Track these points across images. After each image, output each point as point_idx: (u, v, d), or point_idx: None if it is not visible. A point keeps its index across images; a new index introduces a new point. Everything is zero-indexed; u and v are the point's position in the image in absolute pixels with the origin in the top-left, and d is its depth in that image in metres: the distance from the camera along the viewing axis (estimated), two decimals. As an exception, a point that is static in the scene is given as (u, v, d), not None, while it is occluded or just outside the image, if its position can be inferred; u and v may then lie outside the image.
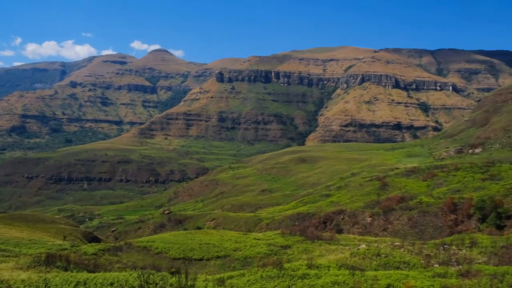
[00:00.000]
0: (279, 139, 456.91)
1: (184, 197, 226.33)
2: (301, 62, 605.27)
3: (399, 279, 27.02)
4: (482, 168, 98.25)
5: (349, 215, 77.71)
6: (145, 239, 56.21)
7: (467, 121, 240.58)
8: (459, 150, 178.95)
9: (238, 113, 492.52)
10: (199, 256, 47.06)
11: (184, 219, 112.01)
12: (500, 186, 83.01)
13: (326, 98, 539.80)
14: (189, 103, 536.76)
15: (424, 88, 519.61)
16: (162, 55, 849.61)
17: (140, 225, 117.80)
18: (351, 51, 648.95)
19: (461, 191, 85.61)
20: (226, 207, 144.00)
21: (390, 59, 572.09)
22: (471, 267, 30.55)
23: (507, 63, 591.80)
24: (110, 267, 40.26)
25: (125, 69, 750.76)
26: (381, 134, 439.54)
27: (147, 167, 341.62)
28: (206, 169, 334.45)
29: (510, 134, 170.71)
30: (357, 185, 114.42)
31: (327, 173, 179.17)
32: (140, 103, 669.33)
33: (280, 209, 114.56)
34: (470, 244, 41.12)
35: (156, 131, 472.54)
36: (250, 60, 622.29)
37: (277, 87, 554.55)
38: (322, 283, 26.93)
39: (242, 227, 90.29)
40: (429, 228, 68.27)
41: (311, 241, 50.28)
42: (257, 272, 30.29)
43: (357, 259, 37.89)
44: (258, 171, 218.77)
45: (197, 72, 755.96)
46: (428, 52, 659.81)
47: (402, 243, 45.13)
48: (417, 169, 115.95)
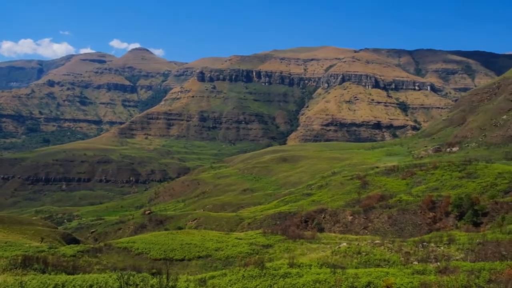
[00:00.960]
0: (261, 138, 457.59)
1: (165, 197, 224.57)
2: (283, 62, 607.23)
3: (379, 276, 27.33)
4: (459, 166, 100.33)
5: (330, 214, 78.30)
6: (125, 240, 55.55)
7: (445, 120, 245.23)
8: (437, 149, 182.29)
9: (219, 113, 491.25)
10: (180, 256, 46.73)
11: (165, 219, 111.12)
12: (476, 184, 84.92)
13: (307, 97, 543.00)
14: (170, 103, 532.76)
15: (403, 88, 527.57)
16: (142, 54, 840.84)
17: (120, 226, 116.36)
18: (331, 51, 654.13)
19: (439, 189, 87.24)
20: (208, 207, 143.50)
21: (370, 59, 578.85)
22: (449, 263, 31.12)
23: (482, 64, 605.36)
24: (90, 269, 39.67)
25: (104, 68, 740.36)
26: (362, 133, 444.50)
27: (128, 167, 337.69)
28: (187, 169, 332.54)
29: (486, 133, 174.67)
30: (338, 184, 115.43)
31: (308, 172, 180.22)
32: (120, 103, 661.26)
33: (261, 208, 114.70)
34: (448, 241, 41.89)
35: (136, 131, 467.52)
36: (231, 60, 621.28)
37: (259, 86, 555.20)
38: (304, 281, 27.03)
39: (223, 227, 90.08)
40: (408, 226, 69.31)
41: (292, 240, 50.48)
42: (238, 272, 30.23)
43: (338, 257, 38.19)
44: (240, 170, 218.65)
45: (178, 71, 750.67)
46: (407, 52, 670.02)
47: (382, 241, 45.70)
48: (397, 168, 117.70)
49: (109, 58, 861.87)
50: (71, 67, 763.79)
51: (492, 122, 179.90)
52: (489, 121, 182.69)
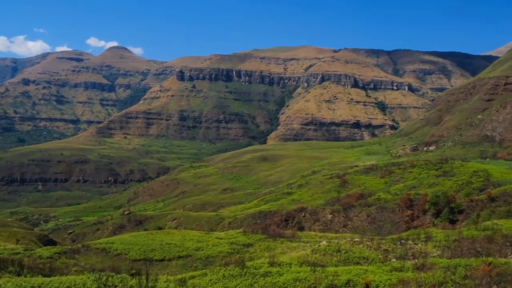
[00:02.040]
0: (241, 138, 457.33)
1: (145, 197, 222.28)
2: (263, 61, 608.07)
3: (358, 274, 27.64)
4: (436, 165, 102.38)
5: (310, 213, 78.82)
6: (104, 241, 54.77)
7: (422, 119, 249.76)
8: (414, 148, 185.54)
9: (199, 112, 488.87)
10: (160, 256, 46.36)
11: (145, 219, 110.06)
12: (452, 182, 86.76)
13: (287, 97, 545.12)
14: (149, 102, 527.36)
15: (382, 87, 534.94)
16: (120, 52, 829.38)
17: (99, 227, 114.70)
18: (311, 50, 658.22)
19: (417, 187, 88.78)
20: (188, 207, 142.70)
21: (349, 59, 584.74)
22: (426, 260, 31.68)
23: (458, 64, 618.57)
24: (67, 271, 38.99)
25: (81, 66, 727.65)
26: (341, 132, 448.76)
27: (106, 167, 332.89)
28: (167, 169, 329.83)
29: (462, 132, 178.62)
30: (318, 183, 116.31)
31: (289, 172, 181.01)
32: (98, 102, 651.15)
33: (242, 207, 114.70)
34: (425, 239, 42.66)
35: (115, 130, 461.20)
36: (211, 59, 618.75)
37: (239, 85, 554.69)
38: (284, 280, 27.14)
39: (204, 227, 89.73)
40: (387, 224, 70.33)
41: (273, 239, 50.61)
42: (219, 271, 30.16)
43: (318, 255, 38.48)
44: (220, 170, 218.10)
45: (157, 70, 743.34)
46: (385, 53, 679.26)
47: (361, 239, 46.25)
48: (375, 166, 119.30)
49: (87, 56, 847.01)
50: (47, 65, 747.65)
51: (468, 122, 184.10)
52: (464, 120, 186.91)
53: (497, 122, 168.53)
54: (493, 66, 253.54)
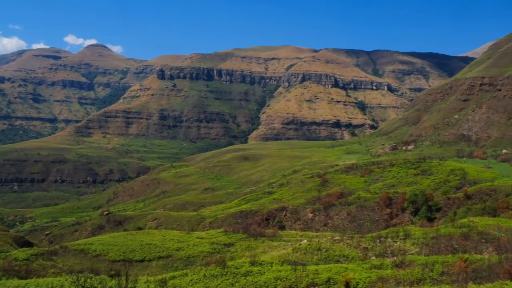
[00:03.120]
0: (222, 137, 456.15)
1: (124, 197, 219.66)
2: (244, 60, 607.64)
3: (339, 272, 27.89)
4: (414, 164, 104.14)
5: (291, 212, 79.16)
6: (83, 242, 53.90)
7: (401, 119, 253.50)
8: (393, 147, 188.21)
9: (180, 111, 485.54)
10: (140, 257, 45.88)
11: (124, 219, 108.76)
12: (430, 180, 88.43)
13: (268, 96, 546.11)
14: (129, 101, 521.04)
15: (362, 87, 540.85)
16: (99, 50, 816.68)
17: (77, 228, 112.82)
18: (292, 50, 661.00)
19: (396, 186, 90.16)
20: (168, 207, 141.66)
21: (329, 59, 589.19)
22: (405, 258, 32.17)
23: (435, 65, 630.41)
24: (44, 273, 38.27)
25: (59, 64, 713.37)
26: (322, 132, 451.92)
27: (84, 166, 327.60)
28: (147, 168, 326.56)
29: (439, 131, 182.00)
30: (298, 182, 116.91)
31: (270, 171, 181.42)
32: (76, 100, 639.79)
33: (223, 207, 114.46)
34: (404, 236, 43.32)
35: (93, 129, 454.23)
36: (192, 58, 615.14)
37: (220, 85, 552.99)
38: (265, 279, 27.18)
39: (185, 226, 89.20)
40: (366, 222, 71.17)
41: (254, 238, 50.64)
42: (200, 271, 30.03)
43: (299, 254, 38.66)
44: (201, 169, 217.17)
45: (137, 69, 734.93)
46: (365, 53, 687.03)
47: (341, 237, 46.67)
48: (356, 165, 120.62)
49: (64, 54, 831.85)
50: (23, 63, 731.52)
51: (445, 121, 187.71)
52: (442, 120, 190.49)
53: (473, 121, 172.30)
54: (470, 67, 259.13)
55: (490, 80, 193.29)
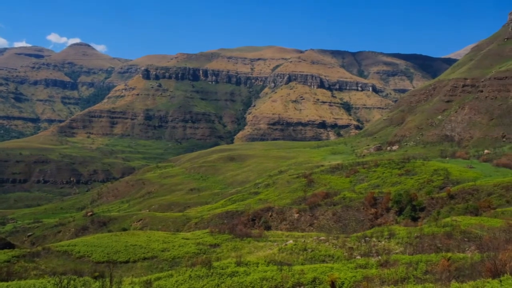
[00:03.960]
0: (207, 137, 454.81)
1: (109, 197, 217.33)
2: (230, 61, 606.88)
3: (324, 272, 27.98)
4: (398, 164, 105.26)
5: (277, 212, 79.24)
6: (66, 243, 53.12)
7: (385, 120, 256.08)
8: (378, 148, 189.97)
9: (165, 111, 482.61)
10: (125, 258, 45.40)
11: (109, 220, 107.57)
12: (414, 180, 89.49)
13: (254, 97, 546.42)
14: (114, 100, 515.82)
15: (347, 88, 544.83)
16: (83, 49, 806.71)
17: (60, 229, 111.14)
18: (278, 50, 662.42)
19: (380, 186, 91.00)
20: (154, 207, 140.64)
21: (315, 59, 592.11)
22: (389, 257, 32.45)
23: (419, 66, 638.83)
24: (26, 275, 37.62)
25: (42, 63, 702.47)
26: (307, 132, 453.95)
27: (68, 167, 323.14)
28: (132, 169, 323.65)
29: (423, 132, 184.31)
30: (284, 183, 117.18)
31: (256, 171, 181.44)
32: (59, 100, 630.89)
33: (209, 207, 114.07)
34: (388, 236, 43.71)
35: (77, 129, 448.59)
36: (177, 57, 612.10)
37: (205, 85, 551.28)
38: (251, 279, 27.13)
39: (170, 227, 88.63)
40: (352, 222, 71.64)
41: (240, 239, 50.55)
42: (185, 272, 29.84)
43: (285, 254, 38.71)
44: (186, 170, 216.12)
45: (121, 68, 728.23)
46: (350, 54, 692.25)
47: (327, 237, 46.89)
48: (341, 166, 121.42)
49: (47, 52, 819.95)
50: (5, 61, 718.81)
51: (429, 122, 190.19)
52: (425, 121, 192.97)
53: (456, 122, 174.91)
54: (452, 68, 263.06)
55: (472, 82, 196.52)
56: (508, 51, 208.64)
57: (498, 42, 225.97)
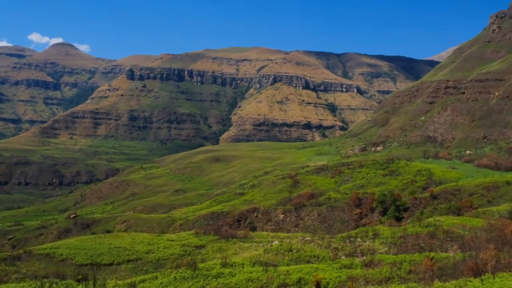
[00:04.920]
0: (193, 138, 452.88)
1: (92, 199, 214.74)
2: (215, 61, 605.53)
3: (309, 272, 28.06)
4: (383, 164, 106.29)
5: (262, 213, 79.27)
6: (48, 246, 52.30)
7: (370, 121, 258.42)
8: (363, 148, 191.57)
9: (150, 112, 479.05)
10: (108, 260, 44.88)
11: (92, 222, 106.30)
12: (398, 181, 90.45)
13: (239, 97, 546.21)
14: (97, 101, 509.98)
15: (332, 89, 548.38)
16: (66, 49, 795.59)
17: (42, 231, 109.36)
18: (263, 52, 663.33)
19: (365, 186, 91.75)
20: (138, 209, 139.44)
21: (300, 60, 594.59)
22: (374, 257, 32.70)
23: (403, 68, 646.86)
24: (7, 278, 36.90)
25: (23, 63, 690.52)
26: (293, 133, 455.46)
27: (50, 168, 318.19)
28: (116, 170, 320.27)
29: (407, 133, 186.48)
30: (270, 183, 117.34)
31: (241, 172, 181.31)
32: (42, 100, 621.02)
33: (194, 209, 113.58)
34: (373, 236, 44.07)
35: (60, 130, 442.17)
36: (162, 58, 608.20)
37: (190, 86, 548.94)
38: (236, 281, 27.07)
39: (155, 229, 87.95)
40: (337, 223, 72.06)
41: (225, 240, 50.42)
42: (170, 274, 29.63)
43: (270, 255, 38.71)
44: (171, 171, 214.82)
45: (105, 69, 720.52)
46: (335, 55, 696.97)
47: (312, 238, 47.06)
48: (326, 166, 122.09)
49: (29, 52, 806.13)
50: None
51: (412, 123, 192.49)
52: (409, 122, 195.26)
53: (439, 123, 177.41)
54: (435, 70, 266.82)
55: (454, 84, 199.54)
56: (488, 54, 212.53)
57: (479, 45, 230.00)
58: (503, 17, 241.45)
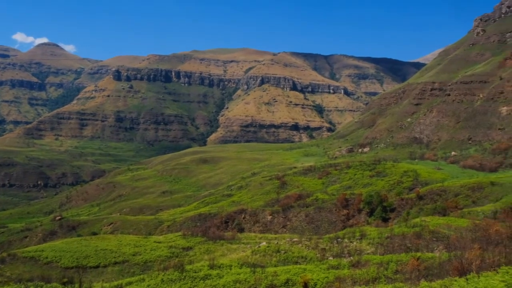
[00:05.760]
0: (180, 140, 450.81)
1: (78, 201, 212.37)
2: (202, 63, 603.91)
3: (297, 273, 28.12)
4: (370, 166, 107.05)
5: (250, 214, 79.25)
6: (33, 249, 51.55)
7: (357, 122, 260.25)
8: (350, 150, 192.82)
9: (137, 113, 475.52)
10: (95, 263, 44.40)
11: (78, 224, 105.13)
12: (385, 182, 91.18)
13: (227, 99, 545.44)
14: (83, 102, 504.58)
15: (319, 91, 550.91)
16: (51, 49, 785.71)
17: (27, 234, 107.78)
18: (251, 53, 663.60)
19: (352, 187, 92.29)
20: (125, 211, 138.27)
21: (288, 62, 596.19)
22: (361, 257, 32.91)
23: (389, 70, 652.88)
24: (-10, 282, 36.22)
25: (7, 63, 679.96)
26: (280, 134, 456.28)
27: (35, 170, 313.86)
28: (102, 171, 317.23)
29: (393, 134, 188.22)
30: (257, 185, 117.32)
31: (229, 173, 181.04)
32: (26, 101, 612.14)
33: (181, 210, 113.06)
34: (360, 237, 44.34)
35: (45, 131, 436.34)
36: (149, 59, 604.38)
37: (178, 87, 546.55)
38: (224, 282, 27.00)
39: (142, 231, 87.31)
40: (324, 223, 72.37)
41: (213, 242, 50.27)
42: (157, 276, 29.43)
43: (258, 256, 38.69)
44: (159, 172, 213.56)
45: (91, 69, 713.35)
46: (322, 57, 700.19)
47: (300, 239, 47.16)
48: (313, 167, 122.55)
49: (13, 52, 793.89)
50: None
51: (398, 125, 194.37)
52: (395, 123, 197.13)
53: (424, 125, 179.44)
54: (421, 72, 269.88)
55: (440, 85, 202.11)
56: (473, 56, 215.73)
57: (464, 48, 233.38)
58: (487, 20, 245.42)
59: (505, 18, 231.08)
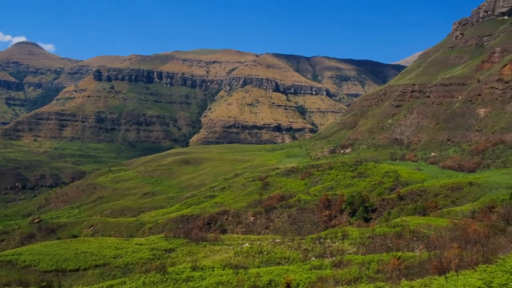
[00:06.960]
0: (162, 140, 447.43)
1: (58, 203, 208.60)
2: (185, 63, 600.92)
3: (280, 274, 28.16)
4: (351, 166, 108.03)
5: (233, 215, 79.10)
6: (10, 252, 50.44)
7: (339, 123, 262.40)
8: (332, 150, 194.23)
9: (118, 114, 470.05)
10: (74, 266, 43.66)
11: (57, 227, 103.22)
12: (366, 182, 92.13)
13: (209, 99, 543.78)
14: (63, 102, 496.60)
15: (301, 92, 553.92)
16: (29, 48, 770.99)
17: (4, 237, 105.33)
18: (233, 54, 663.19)
19: (334, 188, 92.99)
20: (106, 213, 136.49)
21: (270, 63, 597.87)
22: (343, 257, 33.14)
23: (370, 72, 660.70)
24: (-35, 287, 35.31)
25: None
26: (263, 135, 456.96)
27: (12, 172, 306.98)
28: (83, 173, 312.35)
29: (374, 135, 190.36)
30: (240, 186, 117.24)
31: (211, 175, 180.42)
32: (4, 101, 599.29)
33: (163, 212, 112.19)
34: (342, 237, 44.66)
35: (23, 132, 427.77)
36: (131, 59, 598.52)
37: (160, 87, 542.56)
38: (207, 284, 26.87)
39: (123, 233, 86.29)
40: (306, 224, 72.70)
41: (195, 243, 49.99)
42: (139, 279, 29.12)
43: (241, 257, 38.62)
44: (140, 173, 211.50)
45: (72, 69, 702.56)
46: (305, 59, 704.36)
47: (282, 240, 47.25)
48: (296, 168, 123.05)
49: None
50: None
51: (380, 126, 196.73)
52: (377, 124, 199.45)
53: (405, 126, 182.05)
54: (402, 74, 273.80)
55: (420, 87, 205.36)
56: (452, 59, 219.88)
57: (444, 50, 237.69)
58: (466, 24, 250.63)
59: (482, 22, 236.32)
